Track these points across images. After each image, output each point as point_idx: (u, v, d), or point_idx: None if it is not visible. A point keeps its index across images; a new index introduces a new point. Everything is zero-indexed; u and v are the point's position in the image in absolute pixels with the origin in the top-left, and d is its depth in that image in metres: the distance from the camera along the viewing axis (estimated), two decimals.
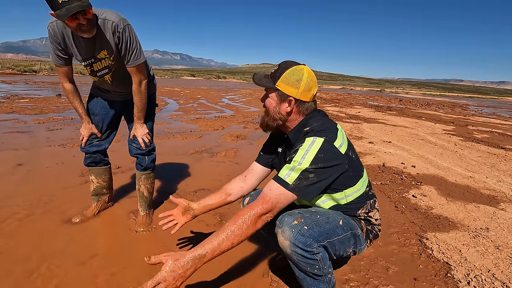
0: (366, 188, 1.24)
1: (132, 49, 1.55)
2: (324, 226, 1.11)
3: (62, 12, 1.27)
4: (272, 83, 1.17)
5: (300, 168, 1.06)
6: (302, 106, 1.18)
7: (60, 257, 1.53)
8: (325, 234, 1.10)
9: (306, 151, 1.07)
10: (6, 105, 6.39)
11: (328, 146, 1.08)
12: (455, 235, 1.98)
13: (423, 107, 15.62)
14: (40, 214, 1.95)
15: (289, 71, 1.14)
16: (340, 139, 1.13)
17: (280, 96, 1.16)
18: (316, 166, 1.06)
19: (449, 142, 5.45)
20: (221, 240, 1.01)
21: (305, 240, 1.06)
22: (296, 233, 1.06)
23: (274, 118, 1.20)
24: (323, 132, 1.11)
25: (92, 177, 1.94)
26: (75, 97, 1.69)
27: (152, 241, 1.77)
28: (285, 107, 1.17)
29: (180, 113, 7.19)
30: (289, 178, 1.07)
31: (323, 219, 1.14)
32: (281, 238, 1.09)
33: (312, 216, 1.12)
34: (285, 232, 1.07)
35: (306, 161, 1.06)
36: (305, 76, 1.14)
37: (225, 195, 1.41)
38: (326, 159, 1.07)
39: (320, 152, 1.06)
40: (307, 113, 1.20)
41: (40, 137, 3.94)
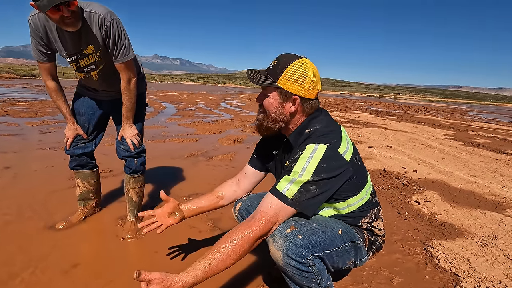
0: (370, 196, 1.13)
1: (121, 45, 1.46)
2: (321, 235, 1.00)
3: (43, 3, 1.17)
4: (273, 81, 1.02)
5: (301, 181, 0.95)
6: (306, 105, 1.05)
7: (39, 266, 1.42)
8: (322, 245, 0.99)
9: (307, 160, 0.95)
10: (1, 108, 6.29)
11: (332, 153, 0.97)
12: (462, 243, 1.87)
13: (422, 112, 15.58)
14: (24, 219, 1.84)
15: (292, 66, 1.00)
16: (344, 144, 1.02)
17: (283, 95, 1.02)
18: (318, 178, 0.94)
19: (450, 147, 5.36)
20: (214, 264, 0.90)
21: (299, 251, 0.94)
22: (289, 242, 0.94)
23: (276, 120, 1.06)
24: (326, 137, 0.99)
25: (78, 181, 1.84)
26: (59, 96, 1.59)
27: (140, 249, 1.65)
28: (289, 107, 1.04)
29: (178, 117, 7.10)
30: (288, 191, 0.96)
31: (320, 227, 1.02)
32: (273, 248, 0.97)
33: (308, 224, 1.01)
34: (276, 242, 0.96)
35: (308, 173, 0.94)
36: (310, 71, 1.01)
37: (217, 199, 1.31)
38: (329, 169, 0.95)
39: (323, 161, 0.95)
40: (311, 112, 1.07)
41: (32, 140, 3.83)
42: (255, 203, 1.29)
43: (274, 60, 1.04)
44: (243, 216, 1.34)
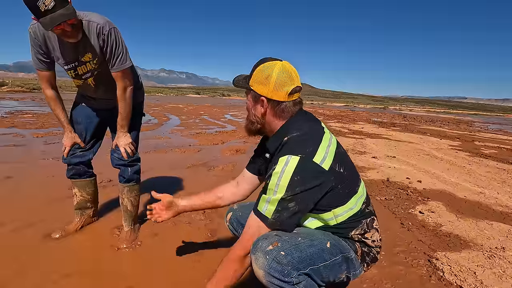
0: (362, 206, 1.06)
1: (118, 53, 1.48)
2: (306, 250, 0.94)
3: (46, 21, 1.22)
4: (247, 83, 1.05)
5: (276, 199, 0.92)
6: (277, 107, 1.03)
7: (30, 275, 1.39)
8: (307, 260, 0.93)
9: (279, 176, 0.92)
10: (8, 120, 6.41)
11: (306, 164, 0.92)
12: (468, 255, 1.80)
13: (428, 123, 15.45)
14: (20, 227, 1.83)
15: (259, 68, 1.01)
16: (322, 151, 0.96)
17: (254, 96, 1.04)
18: (293, 193, 0.91)
19: (456, 158, 5.27)
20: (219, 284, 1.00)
21: (282, 269, 0.89)
22: (271, 260, 0.89)
23: (251, 121, 1.08)
24: (300, 146, 0.95)
25: (75, 190, 1.83)
26: (57, 104, 1.61)
27: (135, 259, 1.62)
28: (259, 108, 1.04)
29: (182, 128, 7.14)
30: (267, 211, 0.94)
31: (306, 241, 0.96)
32: (255, 267, 0.92)
33: (292, 239, 0.95)
34: (258, 260, 0.91)
35: (281, 189, 0.91)
36: (275, 71, 0.99)
37: (215, 198, 1.30)
38: (304, 181, 0.91)
39: (295, 174, 0.91)
40: (287, 116, 1.04)
41: (35, 151, 3.87)
42: (245, 213, 1.27)
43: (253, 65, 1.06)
44: (234, 226, 1.32)
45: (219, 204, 1.29)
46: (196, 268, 1.54)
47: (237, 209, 1.32)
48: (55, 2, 1.21)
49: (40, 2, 1.18)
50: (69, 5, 1.27)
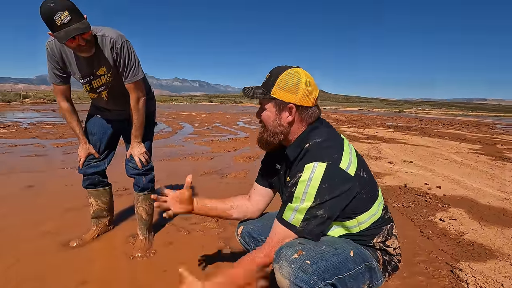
0: (382, 212, 1.04)
1: (130, 66, 1.52)
2: (331, 259, 0.92)
3: (61, 34, 1.26)
4: (266, 93, 1.01)
5: (304, 208, 0.90)
6: (305, 113, 1.01)
7: (48, 281, 1.43)
8: (333, 270, 0.91)
9: (307, 184, 0.90)
10: (31, 131, 6.69)
11: (333, 171, 0.91)
12: (494, 266, 1.70)
13: (446, 126, 14.97)
14: (40, 236, 1.89)
15: (283, 75, 0.99)
16: (347, 157, 0.96)
17: (278, 105, 1.00)
18: (322, 200, 0.90)
19: (477, 162, 5.05)
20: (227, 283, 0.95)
21: (308, 278, 0.86)
22: (297, 269, 0.86)
23: (275, 132, 1.03)
24: (325, 153, 0.94)
25: (91, 199, 1.87)
26: (72, 117, 1.66)
27: (149, 267, 1.63)
28: (286, 117, 1.01)
29: (195, 136, 7.23)
30: (294, 220, 0.92)
31: (330, 250, 0.94)
32: (279, 276, 0.89)
33: (317, 247, 0.93)
34: (283, 269, 0.88)
35: (309, 197, 0.90)
36: (302, 78, 0.98)
37: (228, 207, 1.26)
38: (333, 188, 0.90)
39: (324, 182, 0.89)
40: (311, 121, 1.03)
41: (55, 160, 4.01)
42: (257, 225, 1.25)
43: (267, 74, 1.04)
44: (245, 239, 1.29)
45: (231, 214, 1.26)
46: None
47: (248, 223, 1.29)
48: (70, 17, 1.26)
49: (57, 16, 1.23)
50: (84, 20, 1.32)
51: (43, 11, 1.24)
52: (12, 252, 1.68)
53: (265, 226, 1.23)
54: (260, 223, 1.25)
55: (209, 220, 2.22)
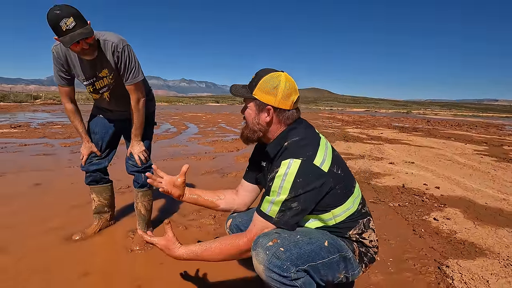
0: (359, 206, 1.11)
1: (131, 68, 1.61)
2: (305, 247, 0.99)
3: (66, 39, 1.36)
4: (249, 93, 1.09)
5: (279, 200, 0.98)
6: (282, 115, 1.09)
7: (53, 272, 1.52)
8: (306, 257, 0.97)
9: (282, 179, 0.98)
10: (40, 131, 6.89)
11: (307, 167, 0.98)
12: (482, 263, 1.73)
13: (453, 127, 14.78)
14: (46, 230, 1.99)
15: (265, 78, 1.06)
16: (321, 155, 1.03)
17: (258, 105, 1.08)
18: (296, 194, 0.97)
19: (481, 163, 5.02)
20: (205, 254, 1.07)
21: (281, 264, 0.93)
22: (271, 255, 0.94)
23: (253, 129, 1.12)
24: (301, 150, 1.01)
25: (93, 195, 1.97)
26: (76, 117, 1.76)
27: (147, 260, 1.71)
28: (264, 117, 1.09)
29: (199, 136, 7.34)
30: (271, 211, 1.00)
31: (304, 239, 1.01)
32: (255, 262, 0.97)
33: (291, 237, 1.00)
34: (259, 255, 0.96)
35: (284, 190, 0.97)
36: (282, 82, 1.05)
37: (216, 197, 1.34)
38: (306, 183, 0.97)
39: (298, 177, 0.97)
40: (289, 122, 1.10)
41: (63, 159, 4.15)
42: (245, 219, 1.32)
43: (253, 75, 1.11)
44: (233, 232, 1.36)
45: (218, 204, 1.33)
46: (204, 269, 1.60)
47: (236, 216, 1.37)
48: (75, 23, 1.35)
49: (62, 22, 1.33)
50: (88, 25, 1.41)
51: (50, 18, 1.33)
52: (21, 246, 1.78)
53: (251, 219, 1.30)
54: (247, 217, 1.32)
55: (206, 217, 2.30)
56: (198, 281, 1.51)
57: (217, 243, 1.06)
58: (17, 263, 1.60)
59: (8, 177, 3.18)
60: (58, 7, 1.34)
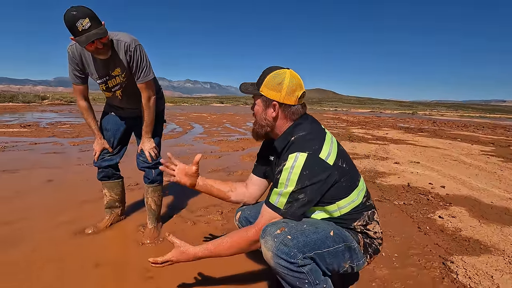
0: (363, 199, 1.15)
1: (142, 67, 1.66)
2: (311, 236, 1.03)
3: (82, 39, 1.41)
4: (256, 89, 1.14)
5: (287, 192, 1.02)
6: (287, 111, 1.13)
7: (67, 262, 1.59)
8: (312, 245, 1.01)
9: (289, 171, 1.02)
10: (49, 130, 7.02)
11: (313, 160, 1.02)
12: (486, 260, 1.75)
13: (460, 128, 14.66)
14: (60, 224, 2.05)
15: (270, 75, 1.11)
16: (327, 149, 1.07)
17: (265, 101, 1.13)
18: (303, 185, 1.01)
19: (487, 163, 5.00)
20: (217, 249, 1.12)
21: (288, 251, 0.98)
22: (279, 243, 0.98)
23: (261, 124, 1.17)
24: (307, 144, 1.06)
25: (105, 190, 2.03)
26: (89, 114, 1.82)
27: (157, 254, 1.74)
28: (271, 112, 1.14)
29: (204, 136, 7.40)
30: (279, 203, 1.05)
31: (311, 228, 1.05)
32: (264, 249, 1.02)
33: (298, 226, 1.04)
34: (267, 243, 1.00)
35: (292, 182, 1.01)
36: (286, 79, 1.10)
37: (228, 189, 1.39)
38: (312, 175, 1.01)
39: (304, 169, 1.01)
40: (295, 118, 1.15)
41: (72, 157, 4.23)
42: (253, 211, 1.37)
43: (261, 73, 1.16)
44: (243, 224, 1.41)
45: (229, 196, 1.38)
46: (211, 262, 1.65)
47: (245, 209, 1.42)
48: (91, 23, 1.41)
49: (79, 22, 1.39)
50: (102, 26, 1.47)
51: (67, 18, 1.39)
52: (36, 238, 1.85)
53: (260, 212, 1.34)
54: (256, 209, 1.36)
55: (213, 213, 2.35)
56: (208, 273, 1.55)
57: (228, 238, 1.11)
58: (32, 253, 1.67)
59: (22, 173, 3.27)
60: (74, 8, 1.40)
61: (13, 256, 1.63)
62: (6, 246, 1.74)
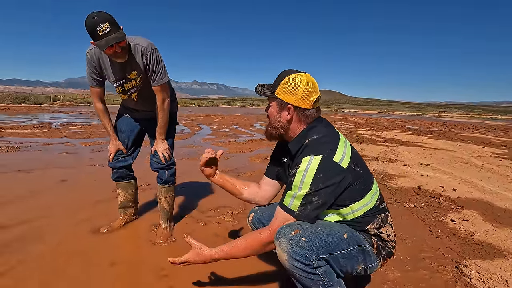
0: (377, 202, 1.15)
1: (158, 70, 1.70)
2: (325, 238, 1.04)
3: (102, 43, 1.46)
4: (272, 92, 1.16)
5: (301, 195, 1.04)
6: (302, 114, 1.15)
7: (84, 261, 1.63)
8: (326, 247, 1.03)
9: (303, 174, 1.03)
10: (61, 131, 7.17)
11: (327, 163, 1.04)
12: (500, 264, 1.73)
13: (470, 130, 14.40)
14: (76, 223, 2.11)
15: (287, 78, 1.13)
16: (340, 152, 1.08)
17: (280, 104, 1.15)
18: (316, 188, 1.02)
19: (499, 166, 4.92)
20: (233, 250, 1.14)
21: (303, 253, 0.99)
22: (294, 244, 1.00)
23: (275, 126, 1.18)
24: (321, 147, 1.07)
25: (119, 191, 2.07)
26: (105, 116, 1.87)
27: (170, 253, 1.79)
28: (285, 115, 1.15)
29: (212, 137, 7.45)
30: (293, 205, 1.06)
31: (325, 231, 1.06)
32: (279, 251, 1.03)
33: (312, 228, 1.06)
34: (282, 244, 1.02)
35: (305, 185, 1.03)
36: (302, 83, 1.11)
37: (242, 186, 1.44)
38: (326, 178, 1.02)
39: (318, 172, 1.02)
40: (310, 121, 1.16)
41: (84, 158, 4.33)
42: (266, 213, 1.39)
43: (277, 76, 1.18)
44: (255, 225, 1.44)
45: (242, 193, 1.42)
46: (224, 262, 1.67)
47: (258, 210, 1.44)
48: (110, 28, 1.46)
49: (99, 27, 1.44)
50: (121, 30, 1.52)
51: (88, 23, 1.44)
52: (57, 234, 1.93)
53: (273, 213, 1.36)
54: (269, 211, 1.38)
55: (224, 213, 2.38)
56: (221, 273, 1.58)
57: (243, 239, 1.13)
58: (57, 247, 1.78)
59: (36, 173, 3.36)
60: (95, 13, 1.45)
61: (33, 253, 1.69)
62: (25, 243, 1.80)
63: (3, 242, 1.80)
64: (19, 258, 1.64)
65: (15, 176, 3.22)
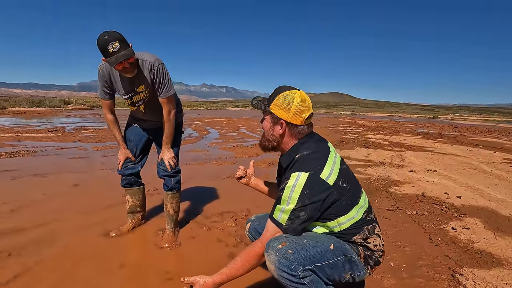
0: (363, 215, 1.20)
1: (164, 84, 1.81)
2: (311, 250, 1.10)
3: (112, 60, 1.58)
4: (267, 106, 1.23)
5: (288, 209, 1.10)
6: (294, 130, 1.21)
7: (94, 263, 1.74)
8: (312, 258, 1.08)
9: (291, 190, 1.09)
10: (74, 135, 7.42)
11: (314, 180, 1.09)
12: (497, 273, 1.75)
13: (483, 134, 14.11)
14: (86, 226, 2.23)
15: (281, 95, 1.20)
16: (328, 168, 1.13)
17: (273, 118, 1.22)
18: (303, 204, 1.08)
19: (509, 172, 4.84)
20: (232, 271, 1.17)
21: (289, 264, 1.05)
22: (280, 257, 1.06)
23: (269, 139, 1.26)
24: (309, 164, 1.12)
25: (128, 197, 2.18)
26: (115, 126, 1.98)
27: (175, 257, 1.89)
28: (278, 130, 1.22)
29: (219, 141, 7.57)
30: (281, 219, 1.12)
31: (311, 243, 1.12)
32: (268, 262, 1.10)
33: (299, 240, 1.11)
34: (270, 256, 1.08)
35: (293, 201, 1.09)
36: (296, 100, 1.18)
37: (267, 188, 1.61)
38: (312, 195, 1.08)
39: (305, 189, 1.08)
40: (301, 137, 1.23)
41: (96, 162, 4.49)
42: (262, 223, 1.46)
43: (273, 91, 1.26)
44: (252, 234, 1.52)
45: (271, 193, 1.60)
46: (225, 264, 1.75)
47: (254, 220, 1.52)
48: (120, 46, 1.57)
49: (110, 45, 1.55)
50: (130, 47, 1.63)
51: (100, 42, 1.56)
52: (70, 237, 2.05)
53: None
54: (264, 220, 1.45)
55: (227, 219, 2.46)
56: None
57: (238, 258, 1.18)
58: (66, 249, 1.89)
59: (50, 177, 3.52)
60: (106, 33, 1.56)
61: (48, 255, 1.81)
62: (40, 246, 1.92)
63: (21, 245, 1.93)
64: (35, 259, 1.76)
65: (31, 180, 3.39)
